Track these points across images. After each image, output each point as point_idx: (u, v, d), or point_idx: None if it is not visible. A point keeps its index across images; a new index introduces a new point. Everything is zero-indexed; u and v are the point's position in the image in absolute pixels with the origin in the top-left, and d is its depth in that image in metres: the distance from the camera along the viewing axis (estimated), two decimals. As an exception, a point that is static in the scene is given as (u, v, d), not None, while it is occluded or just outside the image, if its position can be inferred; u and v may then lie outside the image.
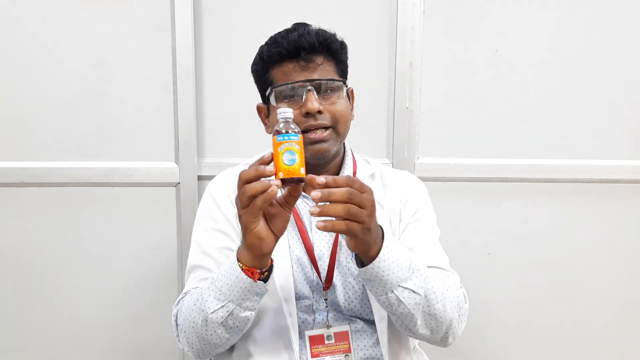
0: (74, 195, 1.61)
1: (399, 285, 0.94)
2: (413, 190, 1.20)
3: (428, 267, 1.03)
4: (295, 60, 1.08)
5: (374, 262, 0.92)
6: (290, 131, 0.89)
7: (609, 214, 1.69)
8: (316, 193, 0.86)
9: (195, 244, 1.15)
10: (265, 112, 1.17)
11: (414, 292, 0.96)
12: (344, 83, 1.13)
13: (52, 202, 1.61)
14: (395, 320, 1.02)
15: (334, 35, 1.12)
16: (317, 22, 1.14)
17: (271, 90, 1.10)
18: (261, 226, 0.90)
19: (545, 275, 1.71)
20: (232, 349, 1.12)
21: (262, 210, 0.89)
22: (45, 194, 1.60)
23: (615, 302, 1.72)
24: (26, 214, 1.62)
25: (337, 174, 1.16)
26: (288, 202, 0.92)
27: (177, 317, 1.06)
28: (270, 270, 0.97)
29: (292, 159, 0.88)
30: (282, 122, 0.90)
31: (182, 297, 1.09)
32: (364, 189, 0.89)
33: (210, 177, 1.31)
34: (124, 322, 1.67)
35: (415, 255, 1.01)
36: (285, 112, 0.90)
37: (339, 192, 0.86)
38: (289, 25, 1.13)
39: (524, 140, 1.65)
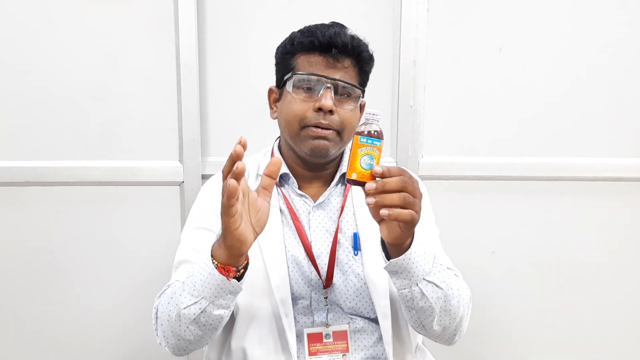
0: (78, 195, 1.61)
1: (424, 279, 0.94)
2: None
3: None
4: (325, 54, 1.07)
5: (406, 253, 0.92)
6: (374, 135, 0.90)
7: (615, 212, 1.68)
8: (371, 184, 0.87)
9: (184, 241, 1.14)
10: (276, 97, 1.16)
11: (437, 286, 0.95)
12: (362, 93, 1.12)
13: (56, 202, 1.61)
14: (412, 317, 1.01)
15: (367, 45, 1.13)
16: (320, 20, 1.14)
17: (291, 76, 1.08)
18: (243, 227, 0.85)
19: (550, 274, 1.70)
20: (228, 349, 1.10)
21: (238, 206, 0.83)
22: (50, 193, 1.61)
23: (622, 300, 1.72)
24: (31, 214, 1.62)
25: (335, 173, 1.17)
26: (266, 188, 0.89)
27: (157, 310, 1.04)
28: (246, 267, 0.93)
29: (370, 164, 0.89)
30: (368, 122, 0.91)
31: (164, 290, 1.06)
32: (412, 179, 0.89)
33: (213, 176, 1.31)
34: (127, 321, 1.67)
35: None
36: (373, 112, 0.91)
37: (393, 181, 0.87)
38: (291, 25, 1.13)
39: (528, 138, 1.64)
